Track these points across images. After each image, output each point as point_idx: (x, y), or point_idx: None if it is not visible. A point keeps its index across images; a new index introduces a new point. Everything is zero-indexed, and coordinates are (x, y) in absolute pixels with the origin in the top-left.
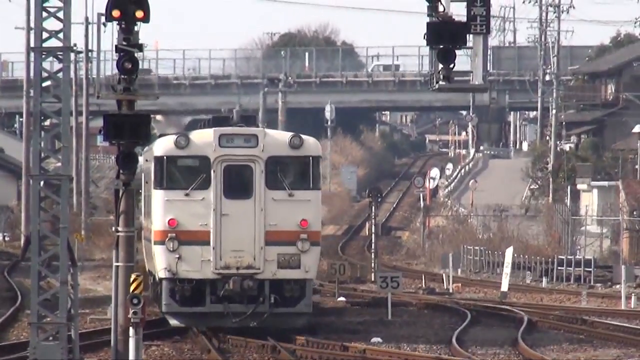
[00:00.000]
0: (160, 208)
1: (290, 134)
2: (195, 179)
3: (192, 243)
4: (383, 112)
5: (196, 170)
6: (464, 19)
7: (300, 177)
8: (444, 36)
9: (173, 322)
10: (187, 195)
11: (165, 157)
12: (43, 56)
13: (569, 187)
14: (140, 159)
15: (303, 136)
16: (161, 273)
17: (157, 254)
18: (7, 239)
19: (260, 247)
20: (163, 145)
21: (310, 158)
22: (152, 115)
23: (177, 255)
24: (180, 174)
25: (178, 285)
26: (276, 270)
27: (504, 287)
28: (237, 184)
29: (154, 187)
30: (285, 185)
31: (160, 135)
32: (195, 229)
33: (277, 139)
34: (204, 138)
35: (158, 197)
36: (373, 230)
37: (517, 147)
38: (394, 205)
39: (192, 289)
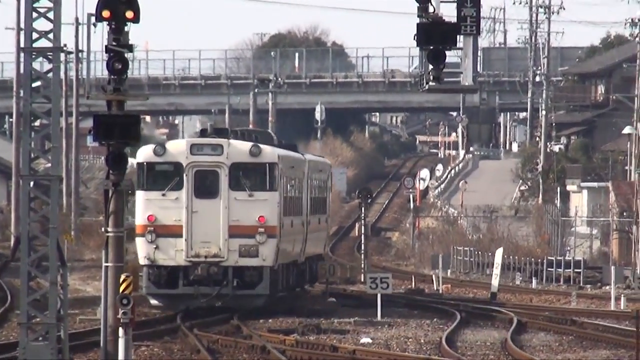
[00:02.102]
0: (141, 206)
1: (250, 144)
2: (170, 181)
3: (167, 235)
4: (373, 113)
5: (171, 174)
6: (454, 20)
7: (259, 180)
8: (434, 37)
9: (153, 302)
10: (163, 195)
11: (145, 163)
12: (33, 56)
13: (558, 188)
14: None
15: (261, 145)
16: (141, 261)
17: (139, 245)
18: None
19: (225, 239)
20: (143, 153)
21: (267, 164)
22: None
23: (155, 246)
24: (158, 177)
25: (155, 270)
26: (238, 258)
27: (494, 288)
28: (206, 186)
29: (136, 188)
30: (246, 187)
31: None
32: (170, 223)
33: (240, 148)
34: (178, 147)
35: (139, 196)
36: (363, 231)
37: (507, 148)
38: (384, 206)
39: (168, 274)
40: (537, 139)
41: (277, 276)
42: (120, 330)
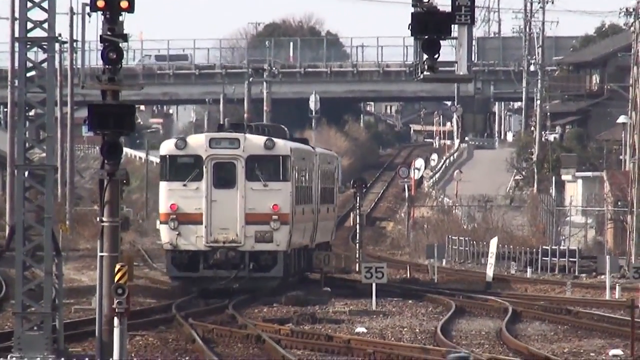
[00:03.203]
0: (164, 195)
1: (265, 137)
2: (191, 172)
3: (188, 222)
4: (368, 103)
5: (192, 166)
6: (449, 10)
7: (272, 171)
8: (429, 26)
9: (175, 284)
10: (185, 185)
11: (167, 156)
12: (28, 46)
13: (553, 178)
14: None
15: (275, 139)
16: (165, 246)
17: (162, 231)
18: None
19: (242, 226)
20: (166, 147)
21: (281, 157)
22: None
23: (177, 232)
24: (180, 169)
25: (178, 255)
26: (254, 243)
27: (489, 277)
28: (224, 177)
29: (159, 179)
30: (261, 178)
31: None
32: (191, 211)
33: (255, 142)
34: (197, 141)
35: (163, 187)
36: (357, 221)
37: (502, 137)
38: (379, 196)
39: (189, 258)
40: (532, 128)
41: (290, 260)
42: (115, 320)
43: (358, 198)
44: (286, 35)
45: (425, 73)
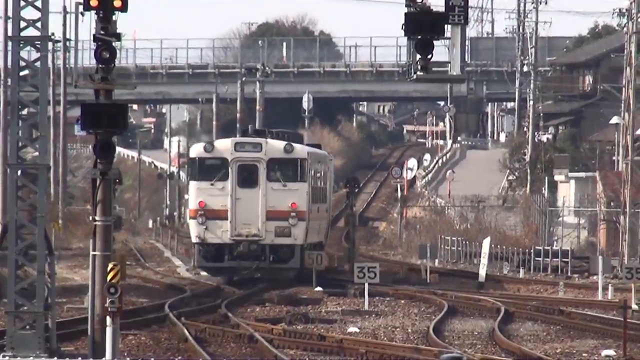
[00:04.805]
0: (193, 194)
1: (284, 142)
2: (217, 173)
3: (215, 218)
4: (361, 103)
5: (218, 167)
6: (442, 10)
7: (291, 173)
8: (422, 27)
9: (203, 273)
10: (212, 184)
11: (197, 158)
12: (21, 45)
13: (546, 178)
14: None
15: (293, 144)
16: (193, 239)
17: (191, 226)
18: None
19: (263, 222)
20: (196, 150)
21: (299, 159)
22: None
23: (205, 227)
24: (207, 170)
25: (205, 247)
26: (274, 238)
27: (481, 277)
28: (247, 177)
29: (189, 179)
30: (280, 179)
31: None
32: (217, 208)
33: (275, 146)
34: (224, 145)
35: (192, 186)
36: (350, 221)
37: (495, 138)
38: (371, 196)
39: (215, 250)
40: (525, 129)
41: (306, 253)
42: (108, 319)
43: (351, 198)
44: (279, 35)
45: (418, 73)
